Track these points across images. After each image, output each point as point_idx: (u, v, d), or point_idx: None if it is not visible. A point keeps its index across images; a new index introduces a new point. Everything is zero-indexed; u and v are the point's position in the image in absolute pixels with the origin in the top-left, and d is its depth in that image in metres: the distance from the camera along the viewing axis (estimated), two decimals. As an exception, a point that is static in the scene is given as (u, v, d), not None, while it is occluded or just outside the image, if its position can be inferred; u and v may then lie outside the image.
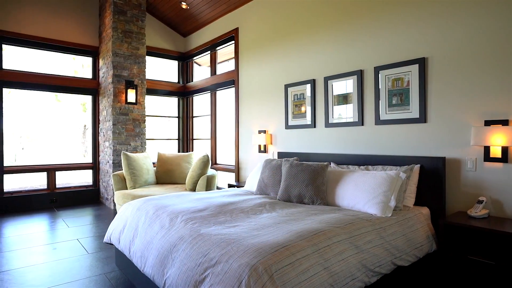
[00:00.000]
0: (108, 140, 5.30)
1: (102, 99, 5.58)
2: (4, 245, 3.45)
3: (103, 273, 2.76)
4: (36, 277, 2.69)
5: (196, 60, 6.43)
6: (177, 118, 6.60)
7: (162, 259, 1.91)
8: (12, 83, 4.93)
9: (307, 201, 2.75)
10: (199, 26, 5.91)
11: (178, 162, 4.90)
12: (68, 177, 5.65)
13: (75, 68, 5.73)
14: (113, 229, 2.72)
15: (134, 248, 2.29)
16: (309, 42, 3.88)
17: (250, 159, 4.81)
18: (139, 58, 5.43)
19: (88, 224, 4.28)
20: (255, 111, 4.73)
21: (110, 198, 5.20)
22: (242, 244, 1.65)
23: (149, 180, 4.65)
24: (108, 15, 5.24)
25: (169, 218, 2.21)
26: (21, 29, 4.95)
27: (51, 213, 4.86)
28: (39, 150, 5.61)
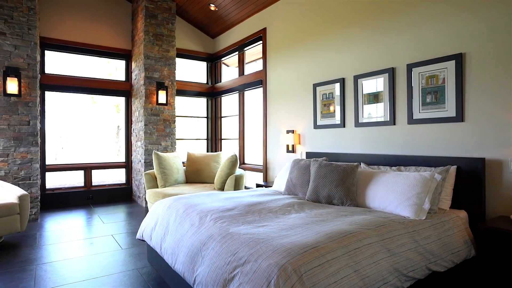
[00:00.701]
0: (140, 140, 5.48)
1: (134, 100, 5.78)
2: (46, 239, 3.66)
3: (136, 268, 2.85)
4: (75, 269, 2.83)
5: (224, 61, 6.51)
6: (205, 119, 6.71)
7: (192, 256, 1.95)
8: (53, 87, 5.22)
9: (337, 202, 2.71)
10: (227, 27, 5.97)
11: (207, 162, 4.98)
12: (103, 175, 5.91)
13: (109, 71, 5.98)
14: (145, 226, 2.81)
15: (165, 245, 2.35)
16: (338, 40, 3.81)
17: (278, 159, 4.80)
18: (169, 60, 5.58)
19: (121, 221, 4.44)
20: (283, 111, 4.71)
21: (142, 196, 5.38)
22: (271, 244, 1.65)
23: (179, 179, 4.76)
24: (140, 19, 5.43)
25: (199, 217, 2.25)
26: (61, 36, 5.23)
27: (88, 209, 5.11)
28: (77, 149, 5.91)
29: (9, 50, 4.33)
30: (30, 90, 4.46)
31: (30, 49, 4.46)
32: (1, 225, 3.33)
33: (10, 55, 4.34)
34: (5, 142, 4.31)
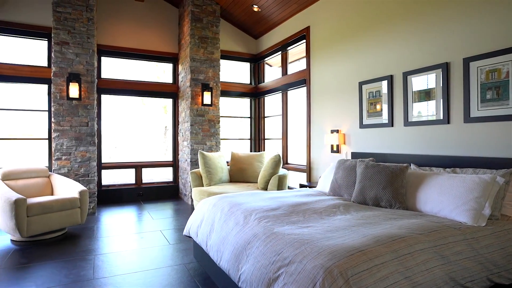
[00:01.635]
0: (186, 140, 5.69)
1: (181, 101, 6.02)
2: (103, 231, 3.94)
3: (183, 264, 2.97)
4: (128, 261, 3.01)
5: (267, 61, 6.54)
6: (249, 119, 6.79)
7: (237, 254, 1.98)
8: (108, 90, 5.61)
9: (384, 205, 2.60)
10: (270, 27, 5.99)
11: (251, 161, 5.03)
12: (152, 173, 6.22)
13: (157, 74, 6.28)
14: (191, 223, 2.91)
15: (210, 242, 2.42)
16: (385, 36, 3.65)
17: (322, 159, 4.72)
18: (214, 62, 5.73)
19: (169, 217, 4.65)
20: (327, 110, 4.62)
21: (188, 194, 5.58)
22: (316, 245, 1.63)
23: (223, 178, 4.87)
24: (186, 23, 5.63)
25: (243, 216, 2.29)
26: (115, 43, 5.60)
27: (138, 205, 5.41)
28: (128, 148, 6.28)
29: (72, 58, 4.73)
30: (88, 94, 4.83)
31: (89, 56, 4.83)
32: (65, 217, 3.65)
33: (72, 63, 4.73)
34: (68, 142, 4.71)
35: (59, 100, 4.67)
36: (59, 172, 4.66)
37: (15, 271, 2.77)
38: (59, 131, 4.67)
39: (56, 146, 4.66)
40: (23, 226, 3.32)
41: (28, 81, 4.93)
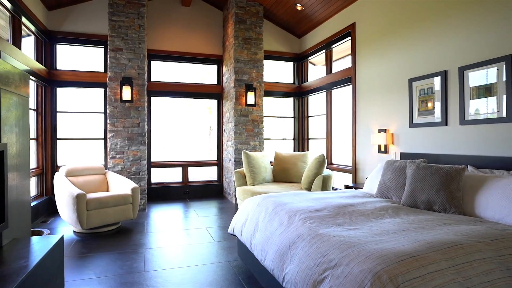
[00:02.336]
0: (230, 140, 5.80)
1: (225, 102, 6.15)
2: (152, 226, 4.15)
3: (227, 261, 3.03)
4: (175, 256, 3.14)
5: (311, 60, 6.45)
6: (292, 118, 6.75)
7: (281, 254, 1.98)
8: (157, 92, 5.90)
9: (438, 209, 2.44)
10: (313, 25, 5.90)
11: (294, 161, 5.00)
12: (197, 172, 6.42)
13: (202, 76, 6.47)
14: (236, 222, 2.96)
15: (255, 241, 2.44)
16: (438, 29, 3.42)
17: (368, 160, 4.55)
18: (258, 62, 5.77)
19: (213, 215, 4.77)
20: (374, 109, 4.45)
21: (232, 193, 5.69)
22: (364, 249, 1.57)
23: (267, 177, 4.89)
24: (230, 25, 5.74)
25: (288, 216, 2.28)
26: (163, 47, 5.87)
27: (185, 203, 5.62)
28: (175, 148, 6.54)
29: (125, 63, 5.04)
30: (139, 96, 5.11)
31: (140, 60, 5.11)
32: (119, 212, 3.90)
33: (125, 67, 5.04)
34: (121, 141, 5.02)
35: (114, 103, 4.99)
36: (114, 170, 4.99)
37: (77, 260, 3.01)
38: (114, 131, 5.00)
39: (111, 145, 4.99)
40: (83, 219, 3.60)
41: (87, 86, 5.35)
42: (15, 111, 2.26)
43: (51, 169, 5.16)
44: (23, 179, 2.40)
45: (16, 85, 2.24)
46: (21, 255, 1.95)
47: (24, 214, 2.42)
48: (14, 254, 1.96)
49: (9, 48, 3.81)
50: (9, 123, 2.17)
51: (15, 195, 2.25)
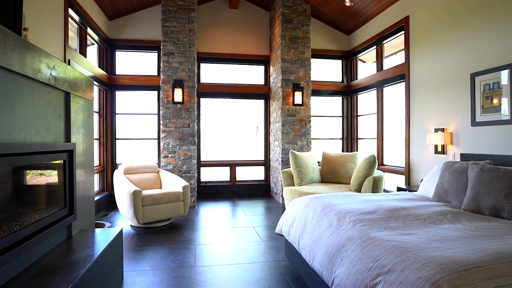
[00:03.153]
0: (277, 140, 5.81)
1: (272, 102, 6.16)
2: (202, 223, 4.29)
3: (275, 261, 3.03)
4: (224, 253, 3.22)
5: (360, 57, 6.23)
6: (341, 118, 6.57)
7: (330, 257, 1.93)
8: (206, 94, 6.09)
9: (507, 215, 2.22)
10: (363, 21, 5.69)
11: (343, 162, 4.87)
12: (244, 172, 6.51)
13: (249, 76, 6.55)
14: (283, 222, 2.96)
15: (303, 242, 2.41)
16: (504, 18, 3.11)
17: (423, 161, 4.28)
18: (305, 61, 5.71)
19: (261, 215, 4.81)
20: (430, 107, 4.17)
21: (279, 193, 5.68)
22: (420, 255, 1.48)
23: (314, 178, 4.82)
24: (277, 25, 5.74)
25: (337, 218, 2.22)
26: (212, 49, 6.05)
27: (232, 202, 5.73)
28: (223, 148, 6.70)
29: (176, 66, 5.28)
30: (190, 98, 5.32)
31: (190, 63, 5.32)
32: (171, 209, 4.10)
33: (176, 70, 5.28)
34: (173, 141, 5.27)
35: (166, 104, 5.25)
36: (166, 169, 5.25)
37: (134, 252, 3.22)
38: (166, 132, 5.25)
39: (164, 145, 5.26)
40: (139, 214, 3.84)
41: (142, 89, 5.69)
42: (81, 113, 2.47)
43: (111, 167, 5.57)
44: (88, 175, 2.62)
45: (83, 90, 2.45)
46: (87, 244, 2.13)
47: (89, 208, 2.64)
48: (81, 243, 2.15)
49: (77, 57, 4.18)
50: (77, 125, 2.38)
51: (82, 190, 2.46)
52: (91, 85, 2.65)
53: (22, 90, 1.69)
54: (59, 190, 2.14)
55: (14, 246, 1.56)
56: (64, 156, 2.15)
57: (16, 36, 1.57)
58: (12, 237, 1.57)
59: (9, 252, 1.50)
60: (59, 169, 2.14)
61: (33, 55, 1.72)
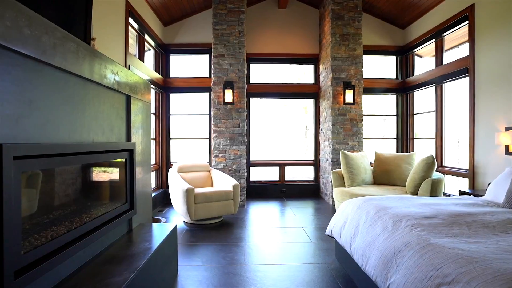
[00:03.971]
0: (327, 140, 5.68)
1: (322, 101, 6.05)
2: (251, 222, 4.35)
3: (325, 263, 2.97)
4: (273, 252, 3.23)
5: (416, 52, 5.86)
6: (395, 116, 6.25)
7: (385, 262, 1.85)
8: (255, 94, 6.16)
9: None
10: (420, 13, 5.35)
11: (397, 163, 4.62)
12: (293, 172, 6.47)
13: (298, 76, 6.49)
14: (334, 224, 2.89)
15: (355, 245, 2.33)
16: None
17: (491, 163, 3.91)
18: (356, 58, 5.52)
19: (310, 215, 4.74)
20: (499, 103, 3.79)
21: (329, 194, 5.56)
22: (490, 267, 1.35)
23: (366, 179, 4.63)
24: (327, 22, 5.62)
25: (392, 221, 2.11)
26: (261, 50, 6.10)
27: (281, 202, 5.73)
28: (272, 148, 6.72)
29: (226, 67, 5.41)
30: (240, 98, 5.41)
31: (240, 64, 5.41)
32: (222, 207, 4.21)
33: (227, 72, 5.41)
34: (224, 141, 5.40)
35: (217, 105, 5.40)
36: (217, 168, 5.40)
37: (187, 247, 3.36)
38: (217, 132, 5.41)
39: (215, 145, 5.42)
40: (192, 211, 4.00)
41: (194, 91, 5.93)
42: (140, 115, 2.64)
43: (166, 165, 5.88)
44: (146, 173, 2.79)
45: (142, 93, 2.62)
46: (146, 238, 2.27)
47: (147, 204, 2.81)
48: (141, 237, 2.29)
49: (136, 62, 4.48)
50: (136, 125, 2.55)
51: (141, 187, 2.63)
52: (148, 88, 2.82)
53: (91, 95, 1.84)
54: (121, 187, 2.31)
55: (85, 236, 1.72)
56: (126, 155, 2.31)
57: (87, 46, 1.72)
58: (84, 227, 1.72)
59: (82, 241, 1.65)
60: (120, 167, 2.30)
61: (100, 62, 1.87)
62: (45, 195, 1.53)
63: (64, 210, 1.65)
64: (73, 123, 1.67)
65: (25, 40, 1.26)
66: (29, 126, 1.34)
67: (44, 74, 1.43)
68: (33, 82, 1.36)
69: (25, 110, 1.32)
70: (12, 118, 1.25)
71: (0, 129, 1.18)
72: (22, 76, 1.30)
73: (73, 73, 1.63)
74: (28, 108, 1.33)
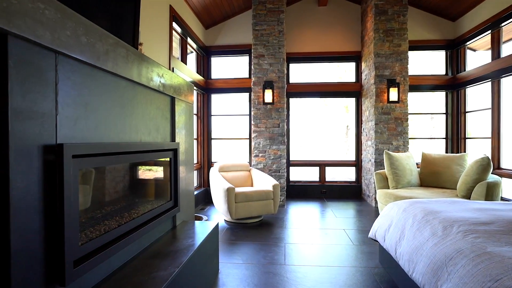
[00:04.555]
0: (370, 140, 5.49)
1: (364, 100, 5.86)
2: (291, 223, 4.32)
3: (368, 267, 2.87)
4: (313, 254, 3.18)
5: (469, 45, 5.47)
6: (444, 115, 5.88)
7: (435, 269, 1.74)
8: (295, 94, 6.12)
9: None
10: (473, 3, 4.98)
11: (447, 164, 4.34)
12: (334, 172, 6.34)
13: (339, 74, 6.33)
14: (378, 227, 2.78)
15: (400, 250, 2.23)
16: None
17: (557, 165, 3.54)
18: (401, 54, 5.27)
19: (351, 217, 4.61)
20: None
21: (372, 195, 5.37)
22: (557, 279, 1.22)
23: (412, 181, 4.41)
24: (370, 18, 5.42)
25: (442, 226, 1.99)
26: (300, 49, 6.05)
27: (321, 202, 5.63)
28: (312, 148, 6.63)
29: (266, 68, 5.42)
30: (279, 98, 5.40)
31: (280, 64, 5.41)
32: (262, 207, 4.23)
33: (267, 72, 5.43)
34: (263, 141, 5.43)
35: (257, 105, 5.44)
36: (257, 167, 5.44)
37: (228, 245, 3.42)
38: (257, 132, 5.44)
39: (254, 145, 5.46)
40: (232, 210, 4.06)
41: (235, 91, 6.03)
42: (184, 115, 2.73)
43: (207, 164, 6.03)
44: (189, 172, 2.88)
45: (185, 94, 2.71)
46: (189, 235, 2.34)
47: (190, 202, 2.91)
48: (184, 233, 2.37)
49: (179, 64, 4.65)
50: (179, 126, 2.64)
51: (184, 185, 2.72)
52: (191, 89, 2.91)
53: (138, 97, 1.94)
54: (165, 185, 2.41)
55: (134, 231, 1.81)
56: (170, 154, 2.40)
57: (135, 51, 1.81)
58: (132, 223, 1.82)
59: (131, 235, 1.75)
60: (165, 165, 2.40)
61: (147, 66, 1.97)
62: (98, 191, 1.64)
63: (115, 206, 1.76)
64: (122, 124, 1.77)
65: (83, 48, 1.36)
66: (85, 127, 1.44)
67: (97, 78, 1.53)
68: (88, 86, 1.47)
69: (82, 112, 1.42)
70: (71, 120, 1.35)
71: (61, 130, 1.28)
72: (80, 80, 1.40)
73: (123, 77, 1.72)
74: (84, 110, 1.43)
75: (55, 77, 1.25)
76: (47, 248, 1.22)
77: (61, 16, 1.23)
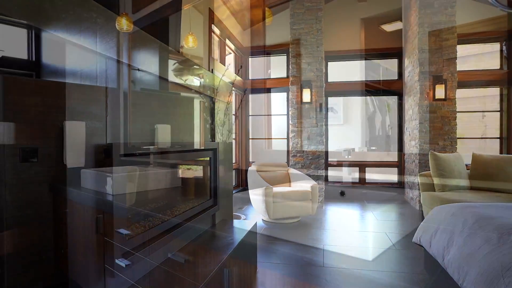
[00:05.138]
0: (414, 139, 5.24)
1: (407, 98, 5.60)
2: (329, 224, 4.24)
3: (411, 273, 2.74)
4: (353, 257, 3.10)
5: (527, 37, 5.03)
6: (498, 113, 5.45)
7: (489, 279, 1.62)
8: (333, 93, 5.99)
9: None
10: (534, -9, 4.56)
11: (502, 166, 4.02)
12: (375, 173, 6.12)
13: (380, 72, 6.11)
14: (422, 231, 2.64)
15: (448, 257, 2.10)
16: None
17: None
18: (448, 49, 4.96)
19: (393, 220, 4.43)
20: None
21: (415, 198, 5.12)
22: None
23: (461, 184, 4.14)
24: (414, 12, 5.17)
25: (498, 233, 1.85)
26: (339, 47, 5.92)
27: (361, 204, 5.46)
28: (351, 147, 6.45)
29: (304, 67, 5.37)
30: (318, 98, 5.33)
31: (318, 63, 5.33)
32: (300, 207, 4.19)
33: (305, 71, 5.37)
34: (301, 141, 5.38)
35: (295, 105, 5.40)
36: (294, 167, 5.40)
37: (266, 245, 3.43)
38: (295, 131, 5.41)
39: (292, 144, 5.43)
40: (270, 210, 4.07)
41: (273, 91, 6.04)
42: (222, 115, 2.79)
43: (245, 164, 6.10)
44: (228, 171, 2.93)
45: (224, 95, 2.76)
46: (228, 233, 2.39)
47: (229, 200, 2.95)
48: (223, 231, 2.42)
49: (218, 66, 4.74)
50: (219, 125, 2.69)
51: (223, 184, 2.77)
52: (230, 90, 2.96)
53: (181, 98, 2.01)
54: (205, 183, 2.47)
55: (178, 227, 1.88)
56: (210, 154, 2.46)
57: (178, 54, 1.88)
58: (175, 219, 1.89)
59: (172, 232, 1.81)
60: (205, 165, 2.46)
61: (188, 68, 2.03)
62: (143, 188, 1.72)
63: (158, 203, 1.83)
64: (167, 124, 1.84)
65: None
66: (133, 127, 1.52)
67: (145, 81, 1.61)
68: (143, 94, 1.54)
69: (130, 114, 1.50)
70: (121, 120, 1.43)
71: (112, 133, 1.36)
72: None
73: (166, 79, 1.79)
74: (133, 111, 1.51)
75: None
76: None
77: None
